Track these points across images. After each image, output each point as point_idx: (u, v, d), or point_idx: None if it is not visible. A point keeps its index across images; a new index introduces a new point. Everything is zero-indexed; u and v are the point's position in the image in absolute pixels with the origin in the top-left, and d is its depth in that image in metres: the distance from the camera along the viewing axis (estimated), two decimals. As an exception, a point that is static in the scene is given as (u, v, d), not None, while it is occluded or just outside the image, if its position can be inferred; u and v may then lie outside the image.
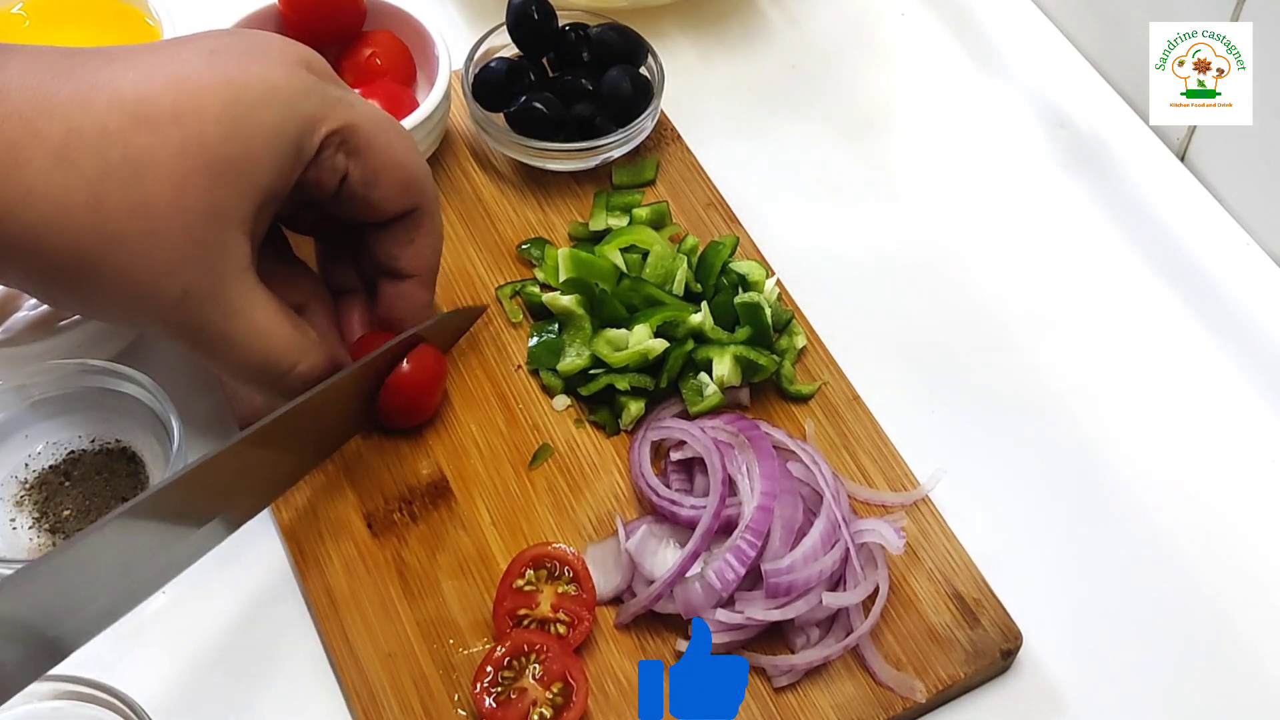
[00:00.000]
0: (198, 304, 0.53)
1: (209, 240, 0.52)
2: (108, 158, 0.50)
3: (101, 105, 0.50)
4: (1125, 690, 0.61)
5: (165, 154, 0.51)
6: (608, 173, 0.77)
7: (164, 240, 0.51)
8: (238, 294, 0.54)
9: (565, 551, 0.61)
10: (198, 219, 0.52)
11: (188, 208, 0.51)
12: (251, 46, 0.55)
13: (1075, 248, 0.79)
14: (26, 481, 0.64)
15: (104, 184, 0.50)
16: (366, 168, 0.58)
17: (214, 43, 0.54)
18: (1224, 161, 0.80)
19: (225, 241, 0.53)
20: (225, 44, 0.54)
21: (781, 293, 0.72)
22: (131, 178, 0.50)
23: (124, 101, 0.51)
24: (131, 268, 0.51)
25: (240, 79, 0.53)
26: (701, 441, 0.63)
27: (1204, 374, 0.73)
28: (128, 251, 0.51)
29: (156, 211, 0.51)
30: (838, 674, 0.59)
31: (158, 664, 0.60)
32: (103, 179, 0.50)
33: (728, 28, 0.89)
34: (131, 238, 0.50)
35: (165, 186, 0.51)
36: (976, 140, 0.84)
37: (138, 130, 0.50)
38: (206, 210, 0.52)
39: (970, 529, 0.64)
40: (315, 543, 0.62)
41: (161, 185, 0.51)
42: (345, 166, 0.57)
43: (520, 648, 0.57)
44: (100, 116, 0.50)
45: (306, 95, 0.54)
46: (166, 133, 0.51)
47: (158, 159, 0.50)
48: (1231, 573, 0.65)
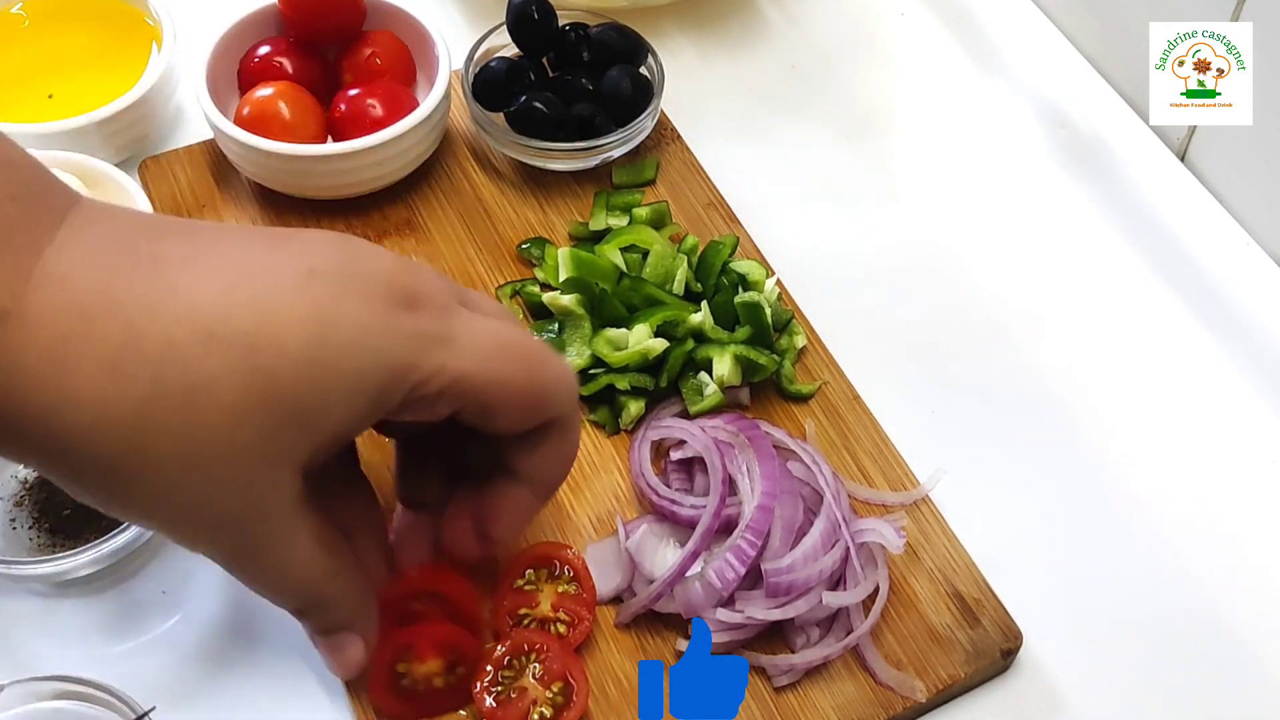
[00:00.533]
0: (232, 533, 0.48)
1: (255, 479, 0.47)
2: (164, 376, 0.44)
3: (172, 314, 0.45)
4: (1125, 690, 0.61)
5: (229, 385, 0.45)
6: (608, 172, 0.77)
7: (207, 472, 0.46)
8: (278, 528, 0.49)
9: (565, 551, 0.61)
10: (248, 458, 0.46)
11: (239, 444, 0.46)
12: (354, 269, 0.48)
13: (1075, 248, 0.79)
14: (27, 481, 0.64)
15: (152, 404, 0.44)
16: (478, 405, 0.50)
17: (314, 261, 0.48)
18: (1224, 161, 0.80)
19: (274, 481, 0.48)
20: (326, 263, 0.48)
21: (781, 292, 0.72)
22: (185, 403, 0.44)
23: (197, 314, 0.45)
24: (167, 492, 0.46)
25: (331, 314, 0.46)
26: (701, 441, 0.63)
27: (1204, 374, 0.73)
28: (165, 476, 0.46)
29: (205, 444, 0.45)
30: (838, 674, 0.59)
31: (158, 664, 0.60)
32: (152, 399, 0.44)
33: (728, 28, 0.90)
34: (172, 463, 0.45)
35: (221, 419, 0.45)
36: (976, 140, 0.84)
37: (206, 352, 0.44)
38: (259, 452, 0.46)
39: (970, 529, 0.64)
40: (315, 542, 0.62)
41: (218, 416, 0.45)
42: (447, 411, 0.50)
43: (520, 647, 0.57)
44: (167, 326, 0.44)
45: (399, 343, 0.48)
46: (236, 362, 0.45)
47: (219, 388, 0.45)
48: (1232, 572, 0.65)
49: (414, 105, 0.74)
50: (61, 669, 0.55)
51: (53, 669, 0.55)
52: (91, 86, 0.77)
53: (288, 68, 0.75)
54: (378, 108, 0.73)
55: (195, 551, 0.50)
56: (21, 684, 0.55)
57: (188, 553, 0.53)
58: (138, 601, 0.62)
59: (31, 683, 0.55)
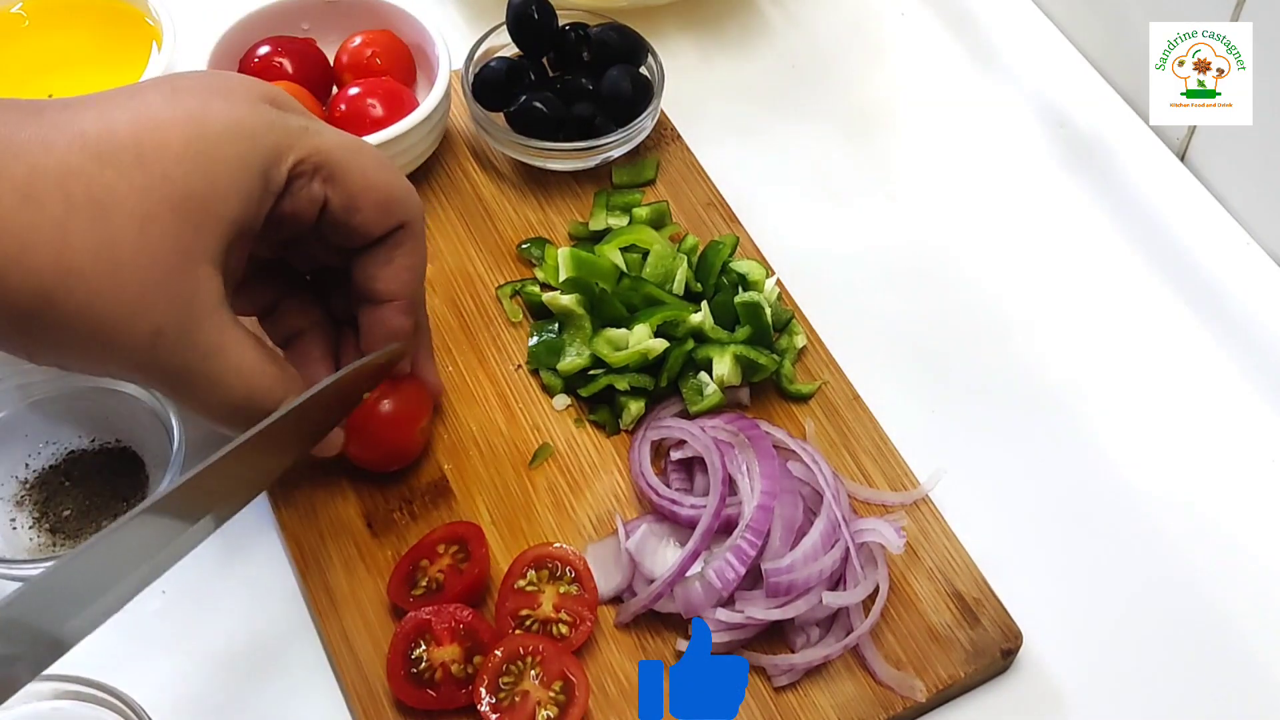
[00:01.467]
0: (171, 344, 0.51)
1: (177, 277, 0.51)
2: (72, 196, 0.49)
3: (63, 144, 0.49)
4: (1125, 690, 0.61)
5: (129, 191, 0.50)
6: (608, 172, 0.77)
7: (130, 277, 0.50)
8: (213, 331, 0.53)
9: (567, 551, 0.61)
10: (164, 255, 0.50)
11: (153, 244, 0.50)
12: (214, 84, 0.55)
13: (1075, 248, 0.79)
14: (26, 481, 0.64)
15: (69, 222, 0.48)
16: (344, 192, 0.56)
17: (177, 82, 0.54)
18: (1224, 161, 0.80)
19: (195, 278, 0.51)
20: (188, 83, 0.54)
21: (781, 292, 0.72)
22: (96, 215, 0.49)
23: (85, 140, 0.50)
24: (98, 306, 0.49)
25: (202, 114, 0.52)
26: (701, 441, 0.63)
27: (1204, 374, 0.73)
28: (92, 289, 0.49)
29: (122, 248, 0.49)
30: (838, 673, 0.59)
31: (158, 664, 0.60)
32: (67, 217, 0.48)
33: (728, 28, 0.89)
34: (96, 275, 0.49)
35: (130, 223, 0.49)
36: (976, 140, 0.84)
37: (101, 168, 0.49)
38: (173, 246, 0.51)
39: (970, 529, 0.64)
40: (315, 543, 0.62)
41: (126, 222, 0.49)
42: (323, 194, 0.56)
43: (516, 652, 0.57)
44: (62, 155, 0.49)
45: (270, 128, 0.54)
46: (129, 170, 0.50)
47: (122, 196, 0.49)
48: (1231, 572, 0.65)
49: (414, 105, 0.74)
50: (61, 669, 0.55)
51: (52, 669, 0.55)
52: (91, 86, 0.76)
53: (288, 68, 0.75)
54: (378, 108, 0.73)
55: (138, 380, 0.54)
56: (21, 684, 0.55)
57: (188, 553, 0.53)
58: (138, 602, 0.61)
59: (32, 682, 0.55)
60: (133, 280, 0.50)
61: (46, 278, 0.48)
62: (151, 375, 0.53)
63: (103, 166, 0.49)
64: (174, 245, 0.51)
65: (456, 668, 0.57)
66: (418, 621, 0.58)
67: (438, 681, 0.57)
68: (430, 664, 0.57)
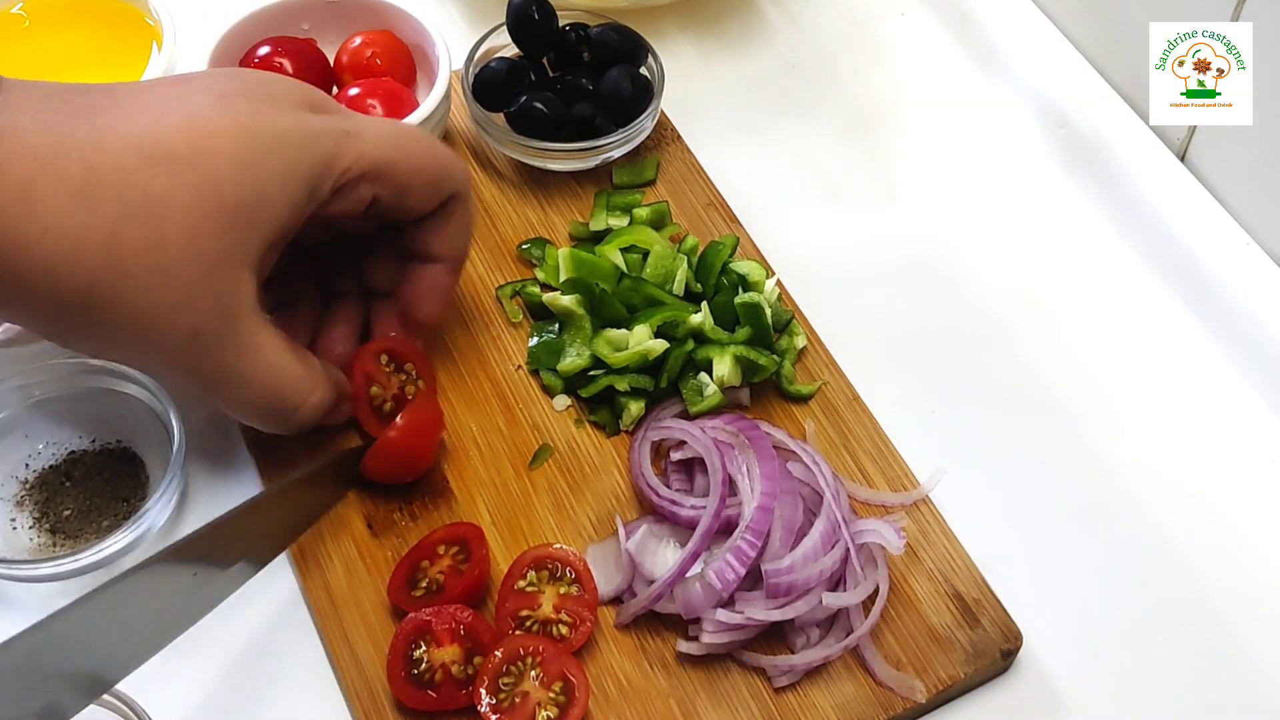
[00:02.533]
0: (209, 343, 0.54)
1: (220, 281, 0.53)
2: (125, 198, 0.50)
3: (117, 146, 0.51)
4: (1125, 690, 0.61)
5: (181, 195, 0.51)
6: (608, 173, 0.77)
7: (176, 278, 0.52)
8: (247, 333, 0.55)
9: (567, 552, 0.61)
10: (210, 260, 0.52)
11: (201, 248, 0.52)
12: (259, 90, 0.56)
13: (1075, 248, 0.79)
14: (27, 481, 0.64)
15: (121, 223, 0.50)
16: (393, 185, 0.58)
17: (222, 85, 0.55)
18: (1224, 161, 0.80)
19: (236, 282, 0.54)
20: (232, 87, 0.55)
21: (781, 293, 0.72)
22: (148, 217, 0.51)
23: (140, 143, 0.51)
24: (143, 305, 0.51)
25: (251, 124, 0.53)
26: (702, 441, 0.63)
27: (1204, 374, 0.73)
28: (140, 288, 0.51)
29: (171, 250, 0.51)
30: (838, 674, 0.59)
31: (158, 664, 0.59)
32: (121, 218, 0.50)
33: (728, 28, 0.89)
34: (144, 274, 0.51)
35: (181, 227, 0.51)
36: (976, 140, 0.84)
37: (155, 171, 0.51)
38: (219, 252, 0.53)
39: (970, 529, 0.64)
40: (315, 543, 0.62)
41: (177, 225, 0.51)
42: (371, 193, 0.58)
43: (515, 653, 0.57)
44: (116, 157, 0.51)
45: (316, 138, 0.55)
46: (182, 175, 0.51)
47: (174, 200, 0.51)
48: (1231, 572, 0.65)
49: (414, 105, 0.74)
50: (61, 669, 0.55)
51: (53, 669, 0.55)
52: (92, 87, 0.77)
53: (288, 68, 0.75)
54: (378, 108, 0.73)
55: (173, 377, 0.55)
56: (22, 684, 0.55)
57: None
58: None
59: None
60: (178, 282, 0.52)
61: (97, 275, 0.50)
62: (186, 372, 0.55)
63: (156, 170, 0.51)
64: (219, 250, 0.53)
65: (457, 669, 0.57)
66: (418, 622, 0.58)
67: (438, 682, 0.57)
68: (430, 665, 0.57)
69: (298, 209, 0.55)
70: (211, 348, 0.54)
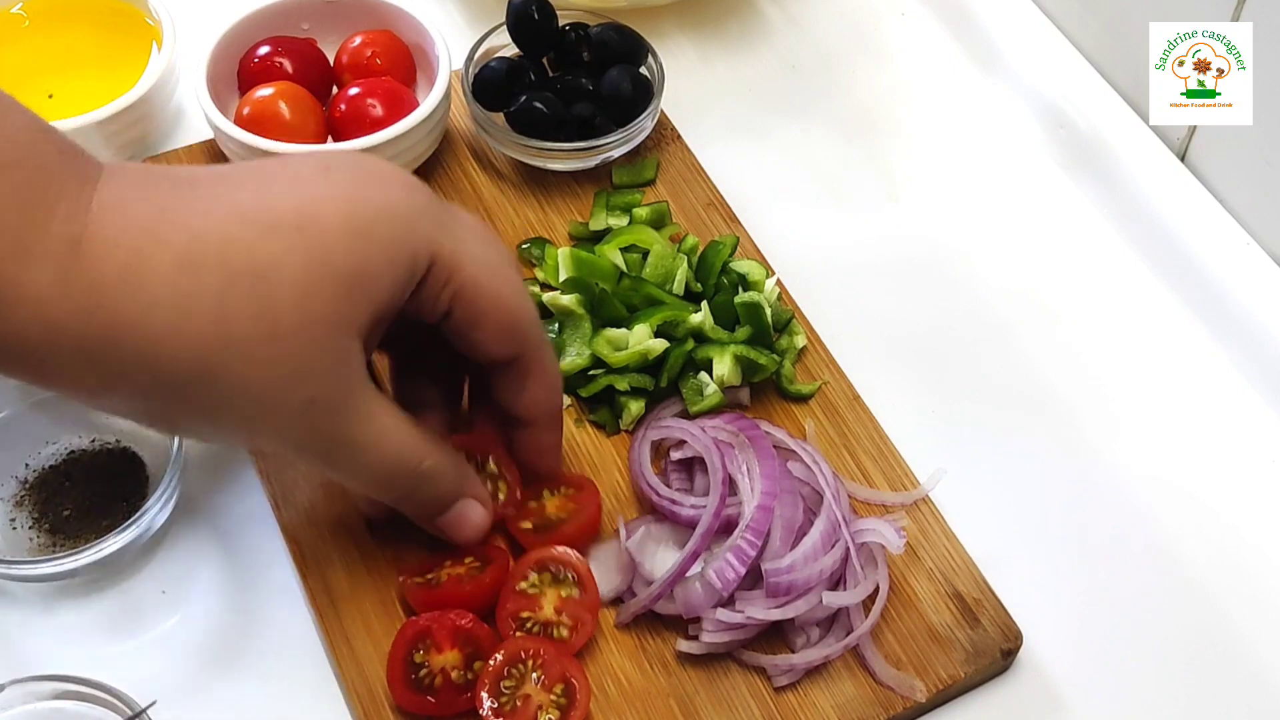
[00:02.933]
0: (324, 411, 0.52)
1: (334, 348, 0.51)
2: (232, 264, 0.49)
3: (221, 214, 0.49)
4: (1125, 690, 0.61)
5: (291, 262, 0.50)
6: (608, 172, 0.77)
7: (289, 347, 0.50)
8: (362, 400, 0.53)
9: (569, 555, 0.60)
10: (323, 327, 0.51)
11: (313, 315, 0.50)
12: (365, 167, 0.55)
13: (1075, 248, 0.79)
14: (26, 481, 0.64)
15: (229, 291, 0.48)
16: (471, 308, 0.56)
17: (328, 160, 0.54)
18: (1224, 161, 0.80)
19: (348, 350, 0.52)
20: (339, 163, 0.54)
21: (781, 292, 0.72)
22: (257, 284, 0.49)
23: (245, 211, 0.50)
24: (256, 375, 0.50)
25: (360, 195, 0.52)
26: (701, 441, 0.63)
27: (1204, 374, 0.73)
28: (252, 358, 0.49)
29: (282, 318, 0.49)
30: (838, 674, 0.59)
31: (158, 664, 0.60)
32: (228, 286, 0.48)
33: (728, 28, 0.89)
34: (256, 344, 0.49)
35: (292, 293, 0.49)
36: (976, 140, 0.84)
37: (262, 238, 0.49)
38: (332, 319, 0.51)
39: (970, 529, 0.64)
40: (315, 543, 0.62)
41: (288, 292, 0.49)
42: (449, 305, 0.55)
43: (516, 655, 0.57)
44: (221, 225, 0.49)
45: (422, 215, 0.54)
46: (290, 240, 0.50)
47: (283, 266, 0.49)
48: (1231, 572, 0.65)
49: (414, 105, 0.74)
50: (61, 669, 0.55)
51: (52, 669, 0.55)
52: (91, 86, 0.77)
53: (288, 67, 0.75)
54: (378, 108, 0.73)
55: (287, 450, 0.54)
56: (21, 684, 0.55)
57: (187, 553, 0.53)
58: (137, 601, 0.61)
59: (31, 683, 0.55)
60: (291, 350, 0.50)
61: (207, 347, 0.48)
62: (302, 444, 0.53)
63: (264, 237, 0.49)
64: (332, 317, 0.51)
65: (456, 674, 0.57)
66: (418, 628, 0.58)
67: (437, 688, 0.57)
68: (430, 670, 0.57)
69: (399, 283, 0.53)
70: (327, 416, 0.52)
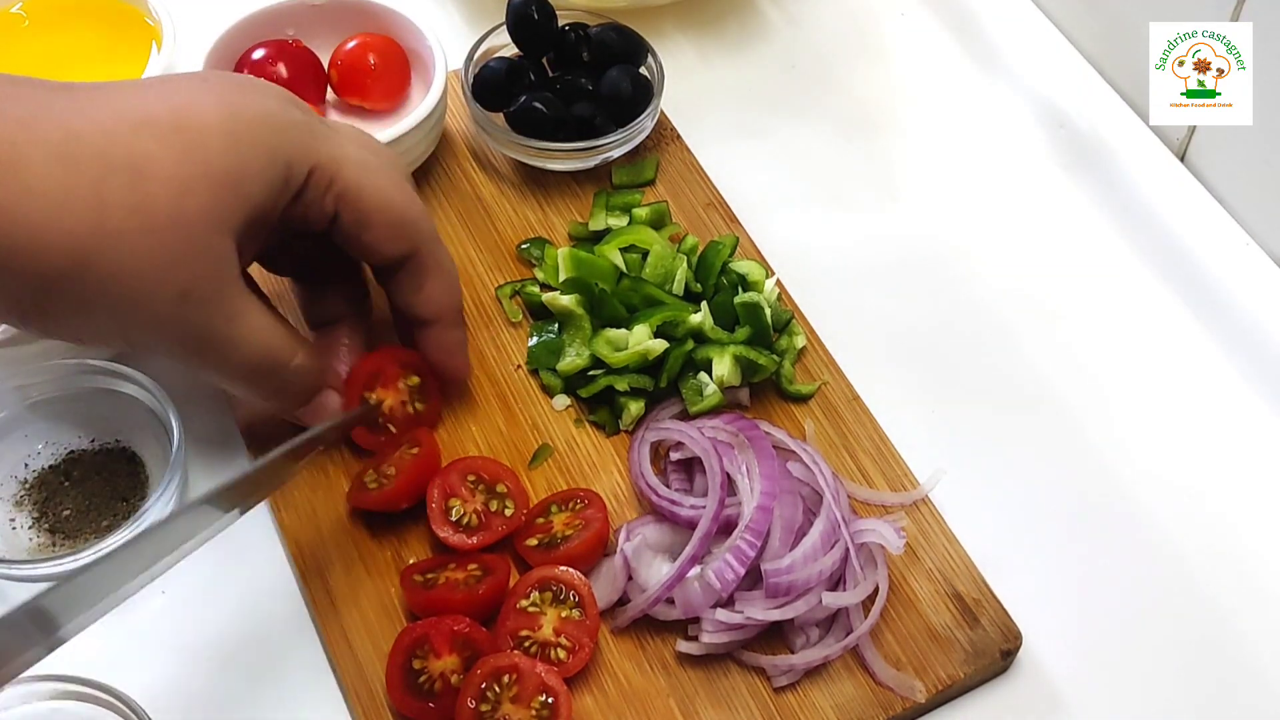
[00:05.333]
0: (197, 304, 0.53)
1: (207, 244, 0.53)
2: (110, 158, 0.50)
3: (99, 114, 0.51)
4: (1125, 690, 0.61)
5: (168, 158, 0.51)
6: (608, 172, 0.77)
7: (164, 240, 0.51)
8: (234, 297, 0.55)
9: (572, 575, 0.60)
10: (197, 223, 0.52)
11: (188, 211, 0.52)
12: (242, 80, 0.58)
13: (1075, 248, 0.79)
14: (26, 481, 0.64)
15: (106, 183, 0.50)
16: (356, 210, 0.58)
17: (206, 75, 0.57)
18: (1224, 161, 0.80)
19: (223, 247, 0.54)
20: (217, 75, 0.57)
21: (781, 293, 0.72)
22: (134, 178, 0.50)
23: (123, 111, 0.51)
24: (131, 266, 0.51)
25: (237, 101, 0.54)
26: (700, 444, 0.63)
27: (1204, 374, 0.73)
28: (128, 249, 0.51)
29: (158, 212, 0.51)
30: (838, 674, 0.59)
31: (158, 664, 0.60)
32: (105, 179, 0.50)
33: (728, 28, 0.89)
34: (132, 236, 0.50)
35: (168, 189, 0.51)
36: (976, 140, 0.84)
37: (140, 135, 0.51)
38: (206, 215, 0.52)
39: (970, 529, 0.64)
40: (315, 543, 0.62)
41: (164, 187, 0.51)
42: (334, 209, 0.58)
43: (492, 673, 0.56)
44: (99, 121, 0.51)
45: (297, 125, 0.56)
46: (169, 139, 0.51)
47: (160, 162, 0.51)
48: (1231, 572, 0.65)
49: (412, 106, 0.73)
50: (61, 669, 0.55)
51: (52, 669, 0.55)
52: (91, 87, 0.77)
53: (282, 71, 0.75)
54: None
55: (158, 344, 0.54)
56: (21, 684, 0.55)
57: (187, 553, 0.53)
58: (137, 601, 0.61)
59: (30, 683, 0.55)
60: (166, 243, 0.51)
61: (83, 238, 0.50)
62: (174, 339, 0.54)
63: (140, 134, 0.51)
64: (206, 214, 0.52)
65: (455, 679, 0.57)
66: (416, 634, 0.57)
67: (437, 692, 0.56)
68: (430, 675, 0.57)
69: (274, 188, 0.55)
70: (200, 309, 0.53)
